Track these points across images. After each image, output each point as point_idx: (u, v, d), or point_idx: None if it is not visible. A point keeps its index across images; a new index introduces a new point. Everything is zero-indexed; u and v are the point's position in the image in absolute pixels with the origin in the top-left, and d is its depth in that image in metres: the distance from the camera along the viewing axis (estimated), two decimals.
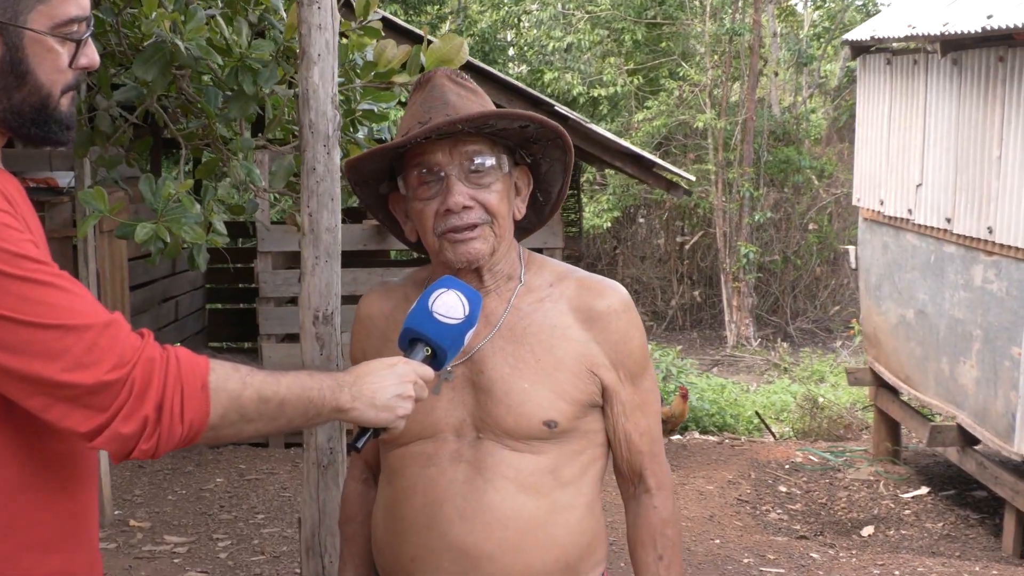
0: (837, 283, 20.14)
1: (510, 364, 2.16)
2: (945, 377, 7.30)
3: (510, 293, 2.23)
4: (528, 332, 2.19)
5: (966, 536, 7.10)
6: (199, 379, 1.72)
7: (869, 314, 8.67)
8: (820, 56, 20.40)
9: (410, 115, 2.19)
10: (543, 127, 2.17)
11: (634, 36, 19.59)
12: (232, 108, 3.73)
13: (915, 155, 7.68)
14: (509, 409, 2.14)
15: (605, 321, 2.19)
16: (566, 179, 2.30)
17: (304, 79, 2.68)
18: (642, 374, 2.24)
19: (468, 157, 2.13)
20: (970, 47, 6.88)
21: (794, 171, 19.16)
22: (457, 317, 2.01)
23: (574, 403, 2.16)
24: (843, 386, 13.11)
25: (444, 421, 2.18)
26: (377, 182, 2.27)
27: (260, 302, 8.67)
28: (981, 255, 6.77)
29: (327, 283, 2.70)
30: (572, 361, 2.17)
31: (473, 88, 2.23)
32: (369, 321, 2.36)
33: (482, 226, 2.13)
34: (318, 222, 2.69)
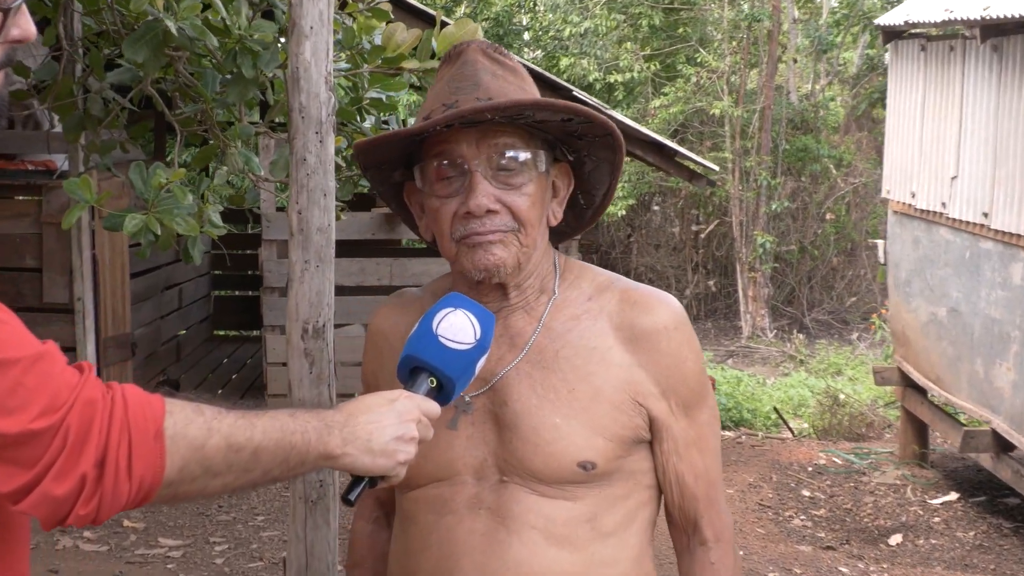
0: (854, 274, 19.85)
1: (539, 394, 1.83)
2: (979, 379, 6.96)
3: (541, 309, 1.90)
4: (561, 356, 1.86)
5: (1000, 547, 6.77)
6: (152, 425, 1.40)
7: (898, 311, 8.33)
8: (839, 44, 20.01)
9: (435, 94, 1.86)
10: (590, 122, 1.82)
11: (651, 21, 19.27)
12: (230, 92, 3.48)
13: (950, 146, 7.33)
14: (537, 448, 1.81)
15: (653, 341, 1.85)
16: (613, 181, 1.95)
17: (294, 56, 2.35)
18: (698, 404, 1.90)
19: (498, 150, 1.79)
20: (1012, 32, 6.52)
21: (812, 160, 18.89)
22: (466, 342, 1.70)
23: (615, 440, 1.83)
24: (862, 380, 12.80)
25: (462, 461, 1.86)
26: (391, 168, 1.94)
27: (264, 292, 8.38)
28: (1021, 252, 6.43)
29: (318, 291, 2.36)
30: (613, 390, 1.83)
31: (512, 66, 1.88)
32: (381, 338, 2.04)
33: (507, 233, 1.80)
34: (308, 221, 2.34)
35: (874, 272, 19.06)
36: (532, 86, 1.88)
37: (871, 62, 20.91)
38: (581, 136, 1.86)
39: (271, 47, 3.36)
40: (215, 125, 3.84)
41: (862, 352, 15.24)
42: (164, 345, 10.36)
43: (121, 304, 8.94)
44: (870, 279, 19.27)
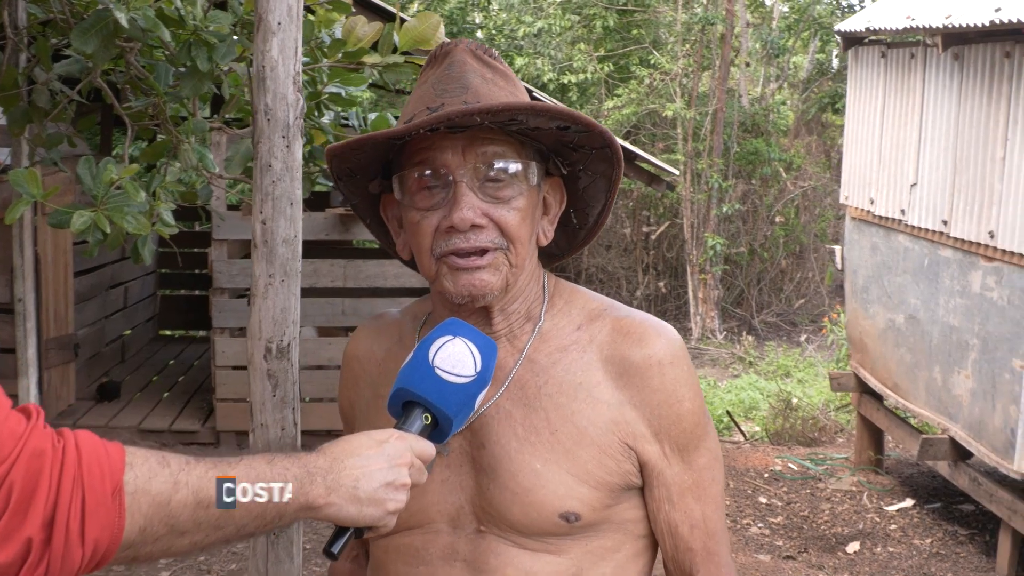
0: (802, 277, 19.93)
1: (519, 436, 1.68)
2: (937, 387, 6.93)
3: (525, 338, 1.74)
4: (543, 393, 1.69)
5: (956, 555, 6.75)
6: (109, 480, 1.26)
7: (855, 317, 8.30)
8: (791, 48, 20.10)
9: (417, 97, 1.70)
10: (588, 131, 1.66)
11: (605, 23, 19.23)
12: (184, 86, 3.34)
13: (910, 153, 7.29)
14: (516, 496, 1.65)
15: (643, 376, 1.68)
16: (610, 199, 1.79)
17: (260, 53, 2.19)
18: (695, 446, 1.73)
19: (486, 160, 1.64)
20: (974, 41, 6.49)
21: (762, 163, 18.92)
22: (466, 374, 1.55)
23: (602, 488, 1.67)
24: (811, 383, 12.80)
25: (436, 508, 1.70)
26: (366, 178, 1.77)
27: (214, 293, 8.18)
28: (980, 260, 6.40)
29: (283, 308, 2.19)
30: (599, 432, 1.67)
31: (503, 71, 1.73)
32: (357, 364, 1.88)
33: (494, 252, 1.64)
34: (273, 232, 2.18)
35: (822, 275, 19.18)
36: (524, 93, 1.73)
37: (821, 67, 21.06)
38: (577, 147, 1.71)
39: (227, 39, 3.23)
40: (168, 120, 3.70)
41: (811, 355, 15.26)
42: (108, 346, 10.14)
43: (64, 304, 8.72)
44: (818, 282, 19.40)
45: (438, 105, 1.63)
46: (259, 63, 2.19)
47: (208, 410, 8.77)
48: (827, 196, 19.70)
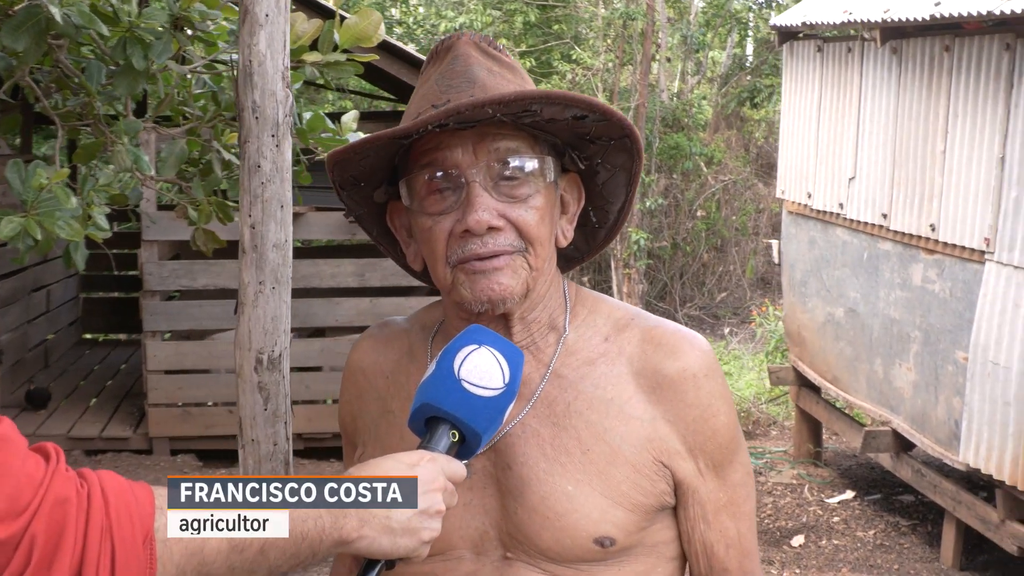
0: (724, 270, 20.06)
1: (548, 456, 1.58)
2: (878, 379, 6.98)
3: (550, 351, 1.64)
4: (573, 410, 1.60)
5: (900, 545, 6.80)
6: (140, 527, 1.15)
7: (793, 311, 8.33)
8: (709, 43, 20.25)
9: (421, 95, 1.59)
10: (607, 119, 1.56)
11: (526, 18, 19.18)
12: (118, 85, 3.20)
13: (848, 147, 7.33)
14: (547, 521, 1.55)
15: (678, 390, 1.59)
16: (631, 194, 1.69)
17: (246, 47, 2.08)
18: (730, 462, 1.64)
19: (499, 158, 1.53)
20: (912, 35, 6.54)
21: (683, 158, 19.01)
22: (494, 387, 1.45)
23: (637, 510, 1.58)
24: (738, 375, 12.86)
25: (458, 533, 1.60)
26: (371, 185, 1.66)
27: (144, 296, 7.97)
28: (921, 253, 6.45)
29: (274, 317, 2.07)
30: (633, 450, 1.58)
31: (510, 63, 1.62)
32: (362, 377, 1.76)
33: (513, 255, 1.54)
34: (263, 236, 2.06)
35: (744, 268, 19.35)
36: (531, 83, 1.63)
37: (738, 62, 21.25)
38: (594, 139, 1.61)
39: (163, 36, 3.11)
40: (99, 119, 3.57)
41: (735, 348, 15.36)
42: (31, 351, 9.85)
43: None
44: (740, 275, 19.55)
45: (444, 102, 1.53)
46: (246, 58, 2.08)
47: (139, 416, 8.55)
48: (747, 190, 19.89)
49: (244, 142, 2.04)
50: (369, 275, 8.15)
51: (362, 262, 8.18)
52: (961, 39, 6.04)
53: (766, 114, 20.09)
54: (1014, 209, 5.60)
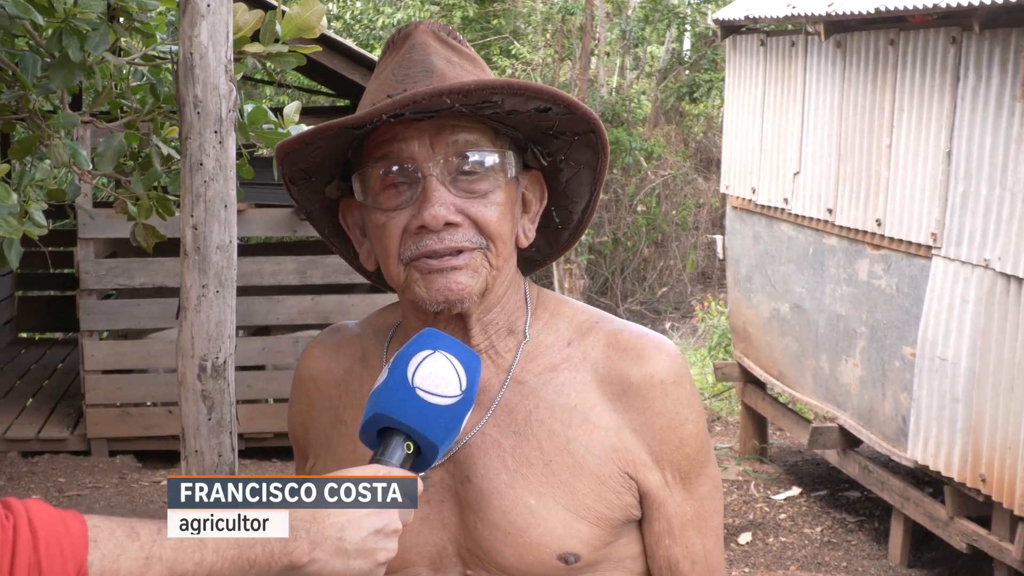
0: (664, 265, 20.12)
1: (509, 468, 1.49)
2: (824, 375, 6.96)
3: (510, 356, 1.55)
4: (534, 418, 1.51)
5: (847, 543, 6.79)
6: (72, 562, 1.05)
7: (738, 307, 8.31)
8: (648, 38, 20.29)
9: (376, 86, 1.50)
10: (571, 112, 1.48)
11: (465, 12, 19.09)
12: (54, 78, 3.07)
13: (792, 142, 7.31)
14: (508, 537, 1.47)
15: (645, 398, 1.51)
16: (595, 193, 1.61)
17: (187, 39, 1.96)
18: (697, 473, 1.56)
19: (458, 150, 1.45)
20: (856, 29, 6.52)
21: (624, 153, 19.03)
22: (451, 394, 1.36)
23: (602, 523, 1.49)
24: None
25: (416, 550, 1.51)
26: (323, 179, 1.56)
27: (81, 295, 7.77)
28: (867, 248, 6.43)
29: (218, 322, 1.94)
30: (598, 461, 1.49)
31: (470, 54, 1.54)
32: (312, 385, 1.66)
33: (472, 252, 1.45)
34: (206, 238, 1.93)
35: (684, 263, 19.42)
36: (491, 76, 1.54)
37: (677, 56, 21.30)
38: (557, 134, 1.53)
39: (100, 27, 3.00)
40: (35, 113, 3.44)
41: (677, 342, 15.40)
42: None
43: None
44: (680, 269, 19.62)
45: (400, 91, 1.44)
46: (186, 50, 1.96)
47: (77, 416, 8.34)
48: (687, 185, 19.97)
49: (185, 139, 1.92)
50: (311, 272, 8.02)
51: (303, 259, 8.04)
52: (906, 33, 6.03)
53: (705, 109, 20.18)
54: (961, 204, 5.60)
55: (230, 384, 1.96)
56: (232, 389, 1.97)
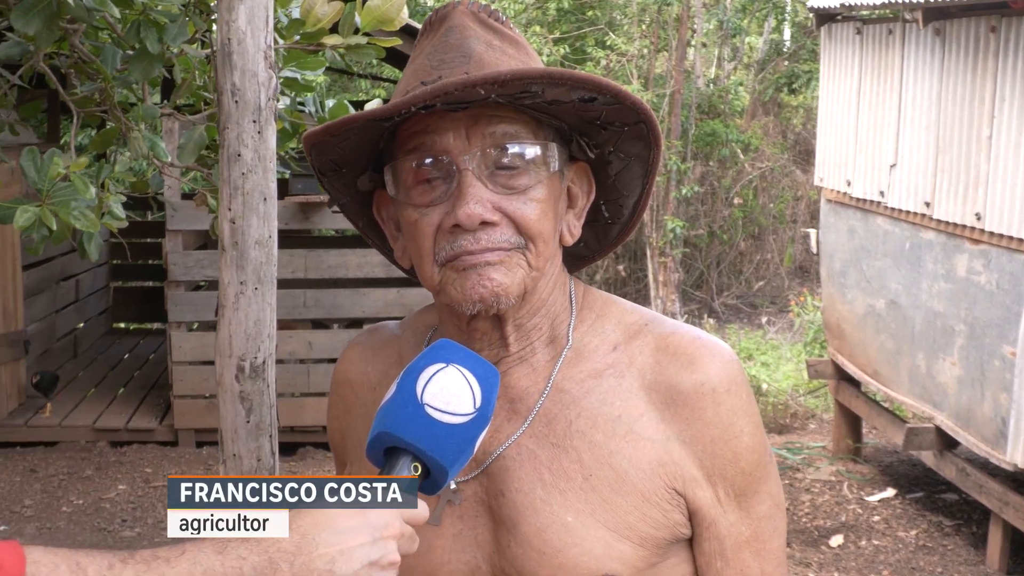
0: (761, 258, 19.83)
1: (546, 482, 1.38)
2: (921, 374, 6.73)
3: (551, 362, 1.44)
4: (575, 429, 1.40)
5: (943, 547, 6.56)
6: None
7: (832, 303, 8.09)
8: (746, 29, 20.01)
9: (411, 72, 1.40)
10: (618, 102, 1.35)
11: (560, 4, 18.99)
12: (133, 70, 3.07)
13: (889, 133, 7.08)
14: (543, 557, 1.36)
15: (695, 407, 1.39)
16: (648, 187, 1.48)
17: (225, 24, 1.88)
18: (755, 490, 1.42)
19: (496, 142, 1.34)
20: (956, 16, 6.28)
21: (720, 145, 18.79)
22: (463, 412, 1.25)
23: (646, 544, 1.38)
24: (774, 366, 12.62)
25: (448, 568, 1.41)
26: (354, 171, 1.47)
27: (169, 286, 7.85)
28: (966, 243, 6.20)
29: (257, 320, 1.87)
30: (643, 476, 1.38)
31: (513, 36, 1.42)
32: (349, 390, 1.57)
33: (510, 252, 1.34)
34: (244, 232, 1.85)
35: (781, 256, 19.11)
36: (537, 62, 1.43)
37: (776, 47, 20.97)
38: (605, 125, 1.40)
39: (178, 19, 2.98)
40: (115, 106, 3.44)
41: (772, 337, 15.13)
42: (60, 341, 9.77)
43: (12, 299, 8.37)
44: (777, 263, 19.32)
45: (434, 79, 1.34)
46: (224, 35, 1.88)
47: (165, 407, 8.44)
48: (784, 177, 19.65)
49: (223, 128, 1.85)
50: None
51: None
52: (1008, 19, 5.79)
53: (804, 100, 19.83)
54: None
55: (270, 385, 1.88)
56: (272, 391, 1.89)
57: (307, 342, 8.03)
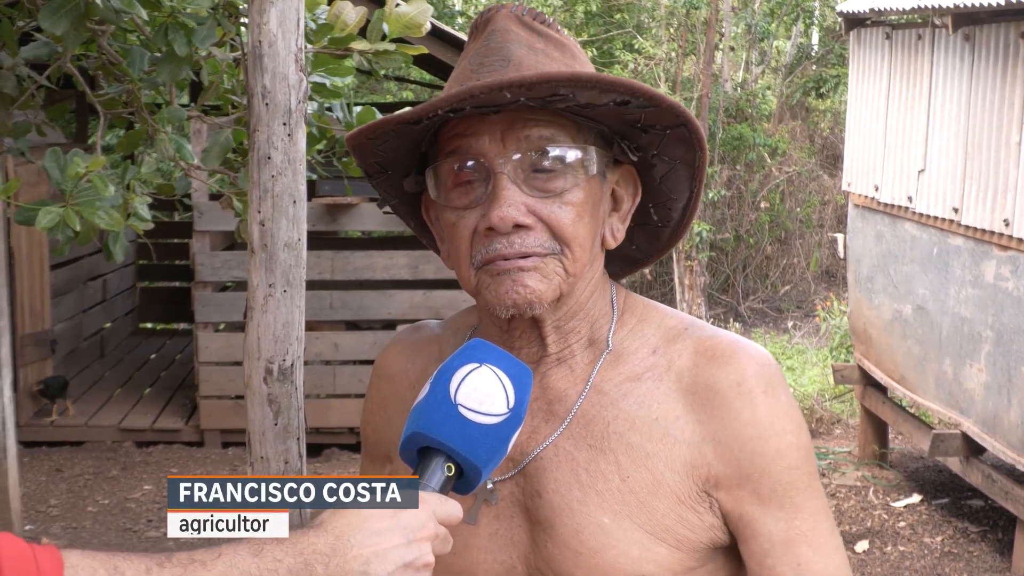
0: (788, 263, 19.75)
1: (582, 483, 1.38)
2: (948, 380, 6.69)
3: (590, 364, 1.44)
4: (612, 431, 1.40)
5: (969, 553, 6.52)
6: None
7: (859, 308, 8.06)
8: (774, 33, 19.95)
9: (455, 75, 1.42)
10: (655, 105, 1.35)
11: (588, 7, 18.99)
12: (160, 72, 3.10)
13: (917, 138, 7.04)
14: (580, 558, 1.36)
15: (731, 407, 1.38)
16: (696, 190, 1.47)
17: (256, 27, 1.89)
18: (804, 485, 1.40)
19: (533, 145, 1.34)
20: (986, 21, 6.25)
21: (747, 148, 18.75)
22: (496, 412, 1.25)
23: (683, 547, 1.37)
24: (800, 370, 12.57)
25: (483, 567, 1.42)
26: (399, 173, 1.48)
27: (196, 286, 7.90)
28: (994, 249, 6.16)
29: (285, 323, 1.87)
30: (677, 478, 1.37)
31: (558, 39, 1.42)
32: (388, 385, 1.58)
33: (545, 257, 1.34)
34: (274, 235, 1.86)
35: (808, 261, 19.03)
36: (585, 63, 1.42)
37: (803, 51, 20.90)
38: (646, 128, 1.40)
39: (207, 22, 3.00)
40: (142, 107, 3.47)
41: (798, 342, 15.08)
42: (86, 341, 9.83)
43: (40, 298, 8.43)
44: (804, 268, 19.24)
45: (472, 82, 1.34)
46: (255, 38, 1.90)
47: (191, 407, 8.48)
48: (812, 181, 19.58)
49: (253, 131, 1.86)
50: (423, 267, 8.01)
51: (416, 254, 8.04)
52: None
53: (832, 104, 19.75)
54: None
55: (298, 388, 1.89)
56: (300, 393, 1.90)
57: (333, 344, 8.06)
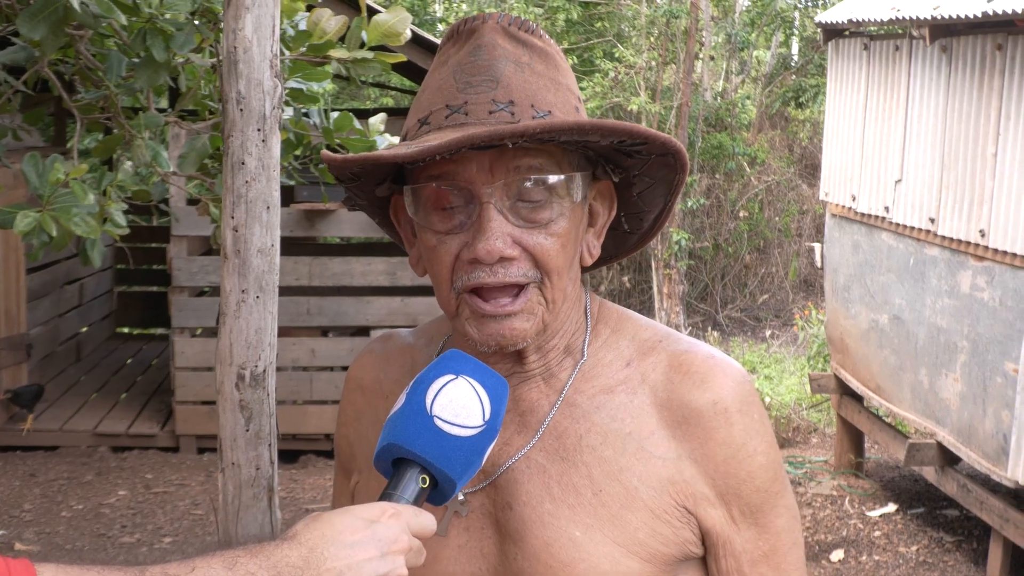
0: (766, 272, 19.82)
1: (554, 496, 1.38)
2: (923, 390, 6.72)
3: (564, 376, 1.44)
4: (585, 444, 1.40)
5: (944, 563, 6.55)
6: None
7: (835, 317, 8.09)
8: (754, 43, 20.03)
9: (436, 86, 1.39)
10: (650, 142, 1.36)
11: (568, 15, 19.02)
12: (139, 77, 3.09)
13: (894, 149, 7.08)
14: (550, 571, 1.36)
15: (707, 427, 1.39)
16: (670, 203, 1.49)
17: (231, 32, 1.87)
18: (772, 506, 1.43)
19: (521, 174, 1.33)
20: (963, 33, 6.29)
21: (726, 157, 18.82)
22: (472, 425, 1.25)
23: (654, 560, 1.38)
24: (778, 379, 12.61)
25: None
26: (373, 181, 1.46)
27: (173, 291, 7.87)
28: (970, 259, 6.19)
29: (258, 328, 1.87)
30: (652, 493, 1.38)
31: (543, 48, 1.40)
32: (361, 396, 1.58)
33: (527, 288, 1.34)
34: (247, 241, 1.86)
35: (786, 270, 19.10)
36: (567, 76, 1.42)
37: (783, 61, 21.01)
38: (632, 154, 1.40)
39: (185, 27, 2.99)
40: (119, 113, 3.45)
41: (776, 351, 15.12)
42: (63, 345, 9.77)
43: (15, 303, 8.38)
44: (782, 277, 19.31)
45: (460, 104, 1.34)
46: (230, 44, 1.89)
47: (167, 413, 8.45)
48: (790, 191, 19.67)
49: (227, 136, 1.85)
50: (400, 274, 8.01)
51: (394, 260, 8.04)
52: (1015, 37, 5.79)
53: (811, 114, 19.84)
54: None
55: (270, 394, 1.89)
56: (272, 399, 1.90)
57: (310, 350, 8.04)
